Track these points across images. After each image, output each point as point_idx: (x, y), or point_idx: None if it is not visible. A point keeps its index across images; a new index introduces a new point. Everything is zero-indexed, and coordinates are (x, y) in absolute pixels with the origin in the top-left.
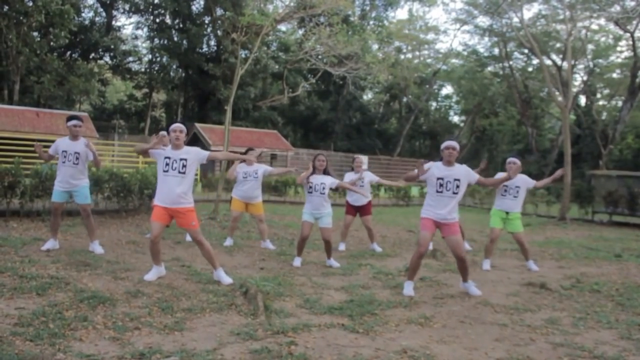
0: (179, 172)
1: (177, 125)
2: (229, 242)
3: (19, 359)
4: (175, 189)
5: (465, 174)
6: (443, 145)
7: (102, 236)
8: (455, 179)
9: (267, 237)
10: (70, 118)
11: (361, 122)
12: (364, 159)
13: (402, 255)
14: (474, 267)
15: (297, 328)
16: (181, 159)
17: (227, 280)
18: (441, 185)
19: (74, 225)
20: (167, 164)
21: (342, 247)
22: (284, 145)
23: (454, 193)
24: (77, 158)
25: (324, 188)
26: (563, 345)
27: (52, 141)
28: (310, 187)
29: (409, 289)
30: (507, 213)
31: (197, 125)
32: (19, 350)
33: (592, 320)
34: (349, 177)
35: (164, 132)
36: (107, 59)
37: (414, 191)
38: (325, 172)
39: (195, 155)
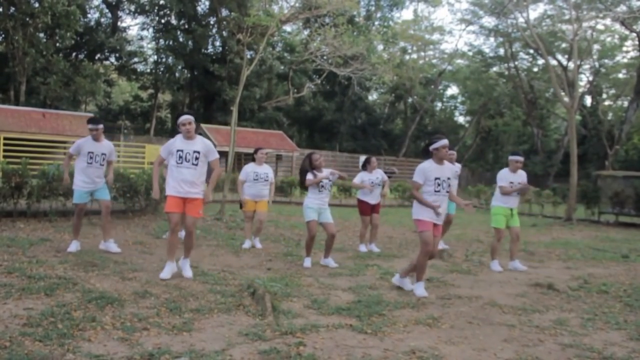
0: (192, 164)
1: (186, 118)
2: (247, 244)
3: (28, 359)
4: (188, 179)
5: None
6: (439, 144)
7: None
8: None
9: (259, 236)
10: (89, 121)
11: (366, 123)
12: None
13: (408, 255)
14: (480, 267)
15: (305, 329)
16: (194, 152)
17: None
18: (439, 184)
19: None
20: (180, 157)
21: (363, 248)
22: (290, 146)
23: (447, 192)
24: (103, 159)
25: (331, 183)
26: (572, 346)
27: (58, 141)
28: (322, 186)
29: (421, 289)
30: (511, 209)
31: (203, 126)
32: (28, 351)
33: (601, 321)
34: (362, 177)
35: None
36: (112, 59)
37: None
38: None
39: (207, 149)
